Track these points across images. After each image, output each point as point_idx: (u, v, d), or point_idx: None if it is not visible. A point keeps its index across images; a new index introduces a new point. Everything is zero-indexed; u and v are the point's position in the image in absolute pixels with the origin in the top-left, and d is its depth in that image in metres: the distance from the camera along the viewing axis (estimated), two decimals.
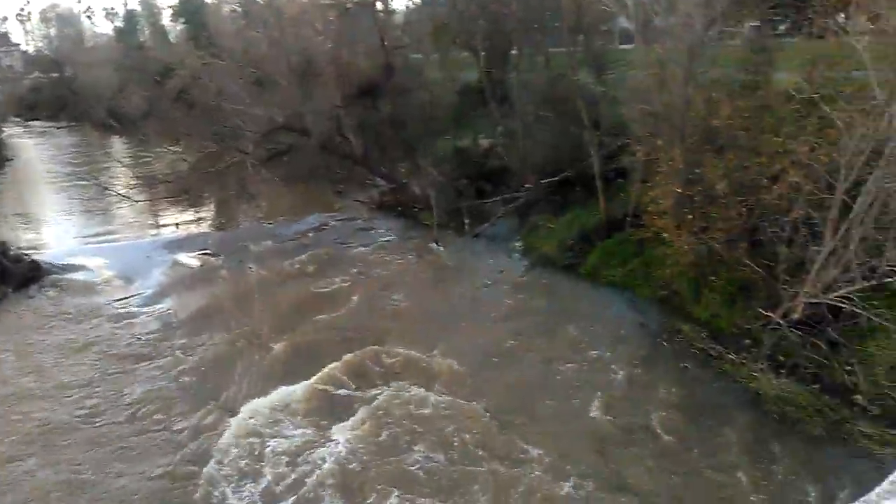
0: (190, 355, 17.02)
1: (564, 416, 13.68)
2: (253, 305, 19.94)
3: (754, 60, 20.07)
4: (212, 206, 27.66)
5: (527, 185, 24.87)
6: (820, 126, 16.18)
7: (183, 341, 17.87)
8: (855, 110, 14.16)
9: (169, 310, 20.09)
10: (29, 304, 20.66)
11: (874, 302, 13.09)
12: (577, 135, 23.79)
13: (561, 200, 23.91)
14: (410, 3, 39.64)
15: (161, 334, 18.35)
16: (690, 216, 17.20)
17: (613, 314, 17.87)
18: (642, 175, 19.76)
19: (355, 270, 22.37)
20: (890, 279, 12.43)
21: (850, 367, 13.47)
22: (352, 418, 13.69)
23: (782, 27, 25.00)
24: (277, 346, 17.05)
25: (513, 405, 14.03)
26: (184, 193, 26.16)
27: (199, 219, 25.29)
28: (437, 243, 24.16)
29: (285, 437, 13.24)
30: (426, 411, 13.85)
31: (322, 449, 12.80)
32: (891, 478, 2.22)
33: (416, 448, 12.70)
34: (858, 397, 13.03)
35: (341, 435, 13.14)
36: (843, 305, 13.61)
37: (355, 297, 20.12)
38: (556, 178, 24.21)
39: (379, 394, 14.53)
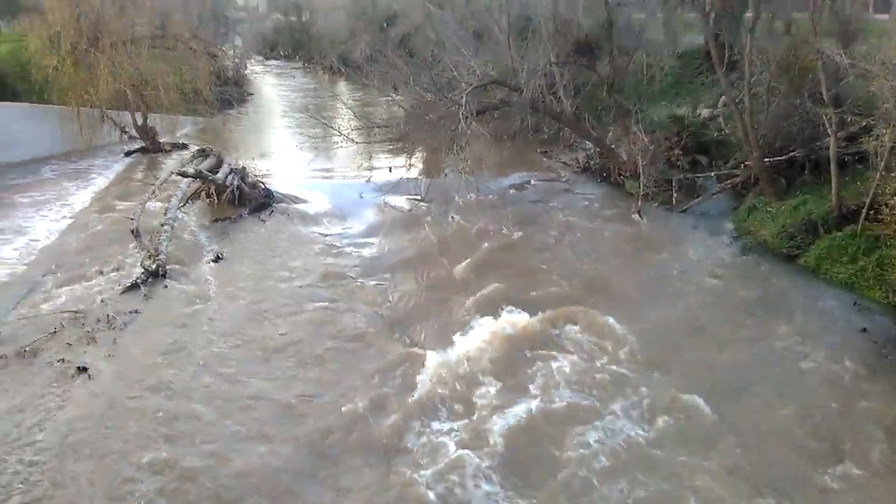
0: (392, 292, 18.28)
1: (753, 414, 12.84)
2: (454, 254, 20.75)
3: None
4: (423, 154, 28.95)
5: (747, 163, 23.11)
6: None
7: (387, 277, 19.21)
8: None
9: (376, 248, 21.64)
10: (260, 226, 23.20)
11: None
12: (813, 111, 21.66)
13: (784, 183, 21.98)
14: None
15: (368, 269, 19.84)
16: None
17: (833, 315, 16.24)
18: (887, 162, 17.64)
19: (553, 232, 22.46)
20: None
21: None
22: (536, 375, 14.04)
23: None
24: (475, 296, 17.67)
25: (700, 393, 13.36)
26: (398, 139, 27.51)
27: (411, 165, 26.63)
28: (640, 214, 23.35)
29: (476, 381, 13.89)
30: (606, 378, 13.85)
31: (506, 399, 13.28)
32: None
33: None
34: None
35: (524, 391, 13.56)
36: None
37: (550, 258, 20.30)
38: (783, 158, 22.21)
39: (562, 355, 14.73)
